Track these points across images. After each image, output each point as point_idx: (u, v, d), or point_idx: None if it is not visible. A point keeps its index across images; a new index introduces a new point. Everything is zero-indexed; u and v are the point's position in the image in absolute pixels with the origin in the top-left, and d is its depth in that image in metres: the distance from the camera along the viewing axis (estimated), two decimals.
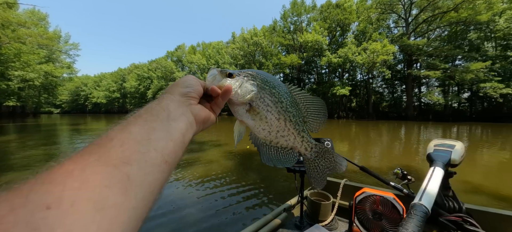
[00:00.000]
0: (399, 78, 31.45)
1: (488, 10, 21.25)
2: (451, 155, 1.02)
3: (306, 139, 0.51)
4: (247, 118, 0.49)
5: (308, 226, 1.23)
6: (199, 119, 0.41)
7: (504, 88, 20.94)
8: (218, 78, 0.47)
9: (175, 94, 0.39)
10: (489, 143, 9.59)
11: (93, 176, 0.22)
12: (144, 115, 0.32)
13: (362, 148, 8.32)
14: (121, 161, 0.25)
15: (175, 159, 0.33)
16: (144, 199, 0.26)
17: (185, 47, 53.07)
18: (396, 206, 0.99)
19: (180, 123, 0.35)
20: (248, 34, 35.68)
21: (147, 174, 0.27)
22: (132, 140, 0.28)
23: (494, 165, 5.90)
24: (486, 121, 24.11)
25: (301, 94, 0.53)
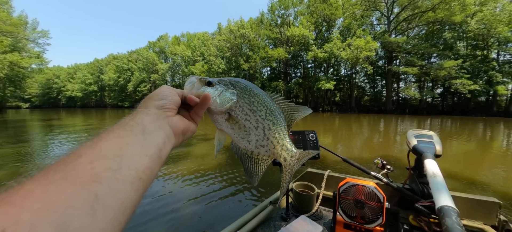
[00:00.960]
0: (379, 73, 32.87)
1: (462, 12, 22.79)
2: (435, 146, 1.09)
3: (286, 148, 0.49)
4: (227, 127, 0.48)
5: (294, 217, 1.25)
6: (177, 131, 0.39)
7: (472, 85, 22.78)
8: (197, 86, 0.46)
9: (150, 108, 0.37)
10: (458, 134, 10.52)
11: (57, 196, 0.20)
12: (117, 130, 0.30)
13: (345, 140, 8.75)
14: (89, 179, 0.23)
15: (151, 175, 0.31)
16: (115, 220, 0.24)
17: (168, 38, 50.68)
18: (377, 194, 1.03)
19: (157, 137, 0.34)
20: (235, 26, 34.91)
21: (119, 193, 0.25)
22: (102, 156, 0.26)
23: (461, 154, 6.60)
24: (455, 115, 26.27)
25: (285, 102, 0.52)
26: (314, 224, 1.13)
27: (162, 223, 2.68)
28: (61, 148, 7.40)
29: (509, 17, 21.91)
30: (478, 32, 23.24)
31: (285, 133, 0.50)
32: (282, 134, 0.49)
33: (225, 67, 36.44)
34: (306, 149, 1.18)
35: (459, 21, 23.14)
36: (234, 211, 2.98)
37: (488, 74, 23.80)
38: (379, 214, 1.03)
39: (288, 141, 0.50)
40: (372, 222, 1.05)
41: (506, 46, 23.67)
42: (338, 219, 1.13)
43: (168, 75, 48.14)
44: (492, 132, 11.85)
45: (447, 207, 0.70)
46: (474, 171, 4.78)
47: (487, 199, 1.16)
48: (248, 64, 33.85)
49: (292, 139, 1.18)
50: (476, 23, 22.99)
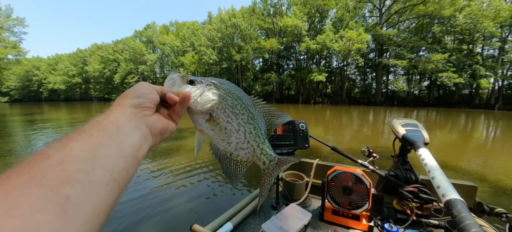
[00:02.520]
0: (370, 66, 33.32)
1: (451, 6, 23.26)
2: (423, 134, 1.12)
3: (265, 152, 0.50)
4: (207, 128, 0.47)
5: (284, 205, 1.29)
6: (155, 131, 0.37)
7: (457, 78, 23.68)
8: (178, 83, 0.44)
9: (125, 106, 0.34)
10: (442, 125, 11.08)
11: (22, 200, 0.19)
12: (89, 130, 0.28)
13: (335, 131, 9.04)
14: (59, 182, 0.21)
15: (127, 176, 0.30)
16: (88, 223, 0.23)
17: (156, 27, 48.52)
18: (364, 181, 1.08)
19: (133, 137, 0.32)
20: (226, 15, 33.86)
21: (92, 195, 0.24)
22: (73, 157, 0.24)
23: (445, 143, 7.02)
24: (440, 107, 27.46)
25: (266, 107, 0.53)
26: (303, 211, 1.15)
27: (153, 216, 2.67)
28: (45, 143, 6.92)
29: (495, 13, 22.65)
30: (465, 26, 23.89)
31: (265, 137, 0.51)
32: (262, 138, 0.50)
33: (217, 58, 35.61)
34: (296, 139, 1.20)
35: (448, 15, 23.64)
36: (225, 201, 3.01)
37: (472, 68, 24.73)
38: (366, 200, 1.09)
39: (267, 145, 0.51)
40: (359, 208, 1.10)
41: (491, 41, 24.59)
42: (327, 206, 1.18)
43: (157, 66, 46.43)
44: (473, 123, 12.43)
45: (455, 199, 0.72)
46: (455, 158, 5.16)
47: (465, 183, 1.24)
48: (240, 55, 33.20)
49: (282, 129, 1.20)
50: (463, 17, 23.59)
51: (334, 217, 1.17)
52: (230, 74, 36.64)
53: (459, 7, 23.63)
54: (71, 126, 10.57)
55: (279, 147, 1.19)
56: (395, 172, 1.28)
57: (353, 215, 1.13)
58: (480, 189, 3.35)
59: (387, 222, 1.12)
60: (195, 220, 2.55)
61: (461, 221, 0.65)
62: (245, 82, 38.93)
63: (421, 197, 1.10)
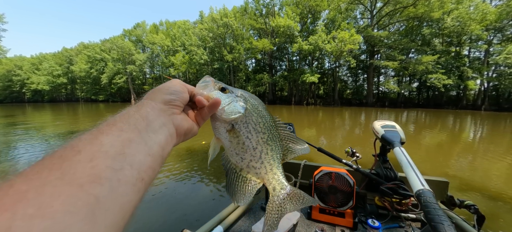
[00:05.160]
0: (362, 67, 33.60)
1: (440, 8, 23.71)
2: (400, 134, 1.19)
3: (277, 178, 0.48)
4: (225, 138, 0.47)
5: None
6: (180, 131, 0.37)
7: (446, 79, 24.10)
8: (210, 88, 0.45)
9: (157, 101, 0.34)
10: (431, 126, 11.39)
11: (53, 199, 0.18)
12: (119, 123, 0.28)
13: (328, 132, 9.21)
14: (89, 180, 0.21)
15: (152, 175, 0.29)
16: (115, 225, 0.22)
17: (146, 26, 47.10)
18: (348, 179, 1.14)
19: (160, 135, 0.32)
20: (218, 15, 33.26)
21: (120, 196, 0.23)
22: (103, 153, 0.24)
23: (433, 143, 7.25)
24: (429, 108, 28.08)
25: (287, 132, 0.52)
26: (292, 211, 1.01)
27: (142, 221, 2.60)
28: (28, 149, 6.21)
29: (482, 16, 23.27)
30: (453, 29, 24.40)
31: (279, 162, 0.50)
32: (277, 161, 0.49)
33: (208, 58, 34.94)
34: None
35: (437, 18, 24.09)
36: (216, 205, 2.97)
37: (460, 69, 25.27)
38: (350, 198, 1.14)
39: (281, 171, 0.49)
40: (344, 205, 1.15)
41: (477, 44, 25.21)
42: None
43: (146, 66, 45.11)
44: (460, 124, 12.68)
45: (423, 189, 0.78)
46: (438, 157, 5.49)
47: (438, 179, 1.34)
48: (231, 55, 32.68)
49: None
50: (452, 20, 24.08)
51: (321, 215, 1.21)
52: (222, 75, 36.01)
53: (447, 10, 24.15)
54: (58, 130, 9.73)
55: None
56: (377, 170, 1.36)
57: (339, 213, 1.18)
58: (457, 185, 3.66)
59: (370, 217, 1.14)
60: (185, 224, 2.51)
61: (428, 207, 0.71)
62: (237, 83, 38.37)
63: (400, 193, 1.18)
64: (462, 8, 23.87)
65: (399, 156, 1.02)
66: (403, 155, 1.00)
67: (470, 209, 1.15)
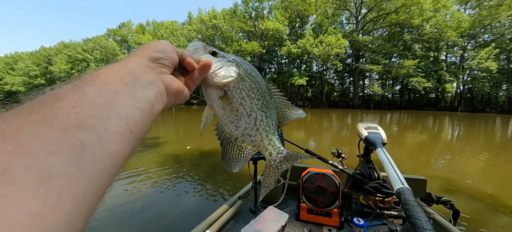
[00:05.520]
0: (348, 71, 34.69)
1: (420, 16, 25.18)
2: (382, 135, 1.24)
3: (274, 144, 0.47)
4: (218, 105, 0.45)
5: (262, 209, 1.30)
6: (171, 90, 0.35)
7: (426, 83, 25.54)
8: (200, 52, 0.42)
9: (143, 58, 0.32)
10: (413, 126, 12.00)
11: (34, 139, 0.17)
12: (104, 75, 0.26)
13: (316, 133, 9.34)
14: (74, 125, 0.20)
15: (142, 130, 0.28)
16: (104, 172, 0.21)
17: (131, 26, 45.72)
18: (334, 180, 1.17)
19: (149, 91, 0.30)
20: (207, 16, 33.01)
21: (108, 143, 0.22)
22: (88, 102, 0.22)
23: (415, 143, 7.61)
24: (411, 109, 29.57)
25: (282, 98, 0.51)
26: (281, 213, 1.19)
27: (129, 228, 2.55)
28: None
29: (457, 24, 24.98)
30: (431, 35, 25.97)
31: (275, 128, 0.49)
32: (272, 128, 0.48)
33: None
34: None
35: (417, 24, 25.57)
36: (204, 209, 2.93)
37: (438, 73, 26.84)
38: (336, 198, 1.17)
39: (276, 137, 0.48)
40: (330, 205, 1.18)
41: (453, 49, 26.99)
42: (302, 206, 1.23)
43: None
44: (439, 125, 13.43)
45: (402, 188, 0.82)
46: (422, 156, 5.75)
47: (417, 177, 1.41)
48: None
49: None
50: (430, 27, 25.65)
51: (309, 216, 1.22)
52: None
53: (426, 18, 25.67)
54: None
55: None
56: (361, 170, 1.39)
57: (326, 213, 1.19)
58: (437, 182, 3.86)
59: (355, 216, 1.18)
60: (173, 229, 2.49)
61: (407, 204, 0.75)
62: None
63: (383, 191, 1.21)
64: (439, 16, 25.53)
65: (381, 157, 1.07)
66: (385, 155, 1.05)
67: (447, 205, 1.22)
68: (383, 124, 12.96)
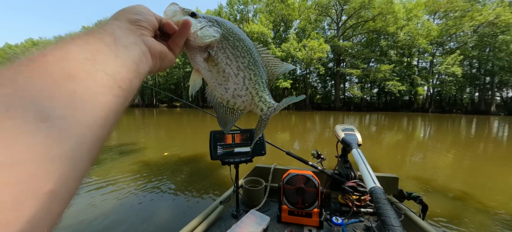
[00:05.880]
0: (329, 74, 36.00)
1: (394, 24, 27.10)
2: (357, 137, 1.29)
3: (264, 100, 0.46)
4: (204, 68, 0.44)
5: (244, 213, 1.28)
6: (154, 52, 0.34)
7: (401, 86, 27.42)
8: (179, 15, 0.41)
9: (121, 21, 0.32)
10: (390, 127, 12.70)
11: (29, 85, 0.17)
12: (84, 37, 0.25)
13: (300, 135, 9.50)
14: (63, 77, 0.20)
15: (130, 87, 0.28)
16: (99, 120, 0.22)
17: None
18: (313, 181, 1.19)
19: (131, 51, 0.29)
20: None
21: (98, 94, 0.22)
22: (73, 58, 0.22)
23: (392, 143, 8.03)
24: (387, 111, 31.43)
25: (269, 56, 0.50)
26: (262, 216, 1.20)
27: None
28: None
29: (427, 32, 27.23)
30: (405, 42, 28.02)
31: (265, 85, 0.48)
32: (262, 86, 0.47)
33: (179, 60, 33.62)
34: (254, 146, 1.23)
35: (392, 32, 27.47)
36: (185, 216, 2.83)
37: (411, 77, 28.91)
38: (316, 198, 1.18)
39: (267, 93, 0.48)
40: (310, 206, 1.19)
41: (424, 55, 29.31)
42: (283, 208, 1.24)
43: None
44: (413, 125, 14.46)
45: (374, 187, 0.87)
46: (398, 155, 6.06)
47: (390, 176, 1.47)
48: None
49: (240, 138, 1.22)
50: (404, 34, 27.71)
51: (290, 217, 1.23)
52: None
53: (400, 26, 27.73)
54: None
55: (238, 155, 1.20)
56: (339, 170, 1.45)
57: (306, 213, 1.21)
58: (411, 179, 4.08)
59: (334, 215, 1.23)
60: None
61: (379, 202, 0.80)
62: None
63: (359, 190, 1.28)
64: (411, 25, 27.66)
65: (356, 157, 1.11)
66: (359, 156, 1.10)
67: (416, 200, 1.29)
68: (363, 125, 13.58)
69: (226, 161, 1.20)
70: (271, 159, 4.31)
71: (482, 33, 25.98)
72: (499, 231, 2.52)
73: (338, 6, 30.33)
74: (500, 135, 10.71)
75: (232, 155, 1.20)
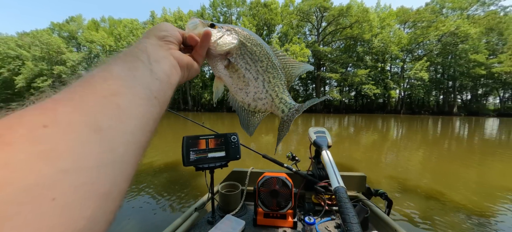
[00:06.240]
0: (311, 78, 37.23)
1: (369, 32, 29.18)
2: (328, 139, 1.35)
3: (284, 101, 0.49)
4: (225, 75, 0.47)
5: (220, 218, 1.28)
6: (182, 63, 0.38)
7: (376, 89, 29.37)
8: (199, 27, 0.44)
9: (151, 38, 0.36)
10: (366, 128, 13.41)
11: (84, 104, 0.21)
12: (123, 57, 0.30)
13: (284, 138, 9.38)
14: (109, 93, 0.24)
15: (164, 98, 0.32)
16: (141, 129, 0.25)
17: (82, 21, 40.62)
18: (287, 183, 1.21)
19: (163, 64, 0.33)
20: (172, 17, 31.59)
21: (139, 106, 0.26)
22: (115, 76, 0.26)
23: (368, 143, 8.40)
24: (364, 113, 33.29)
25: (286, 58, 0.51)
26: (237, 221, 1.21)
27: None
28: None
29: (398, 40, 29.59)
30: (379, 49, 30.10)
31: (284, 87, 0.50)
32: (281, 88, 0.49)
33: None
34: (228, 151, 1.22)
35: (367, 39, 29.44)
36: (159, 226, 2.72)
37: (385, 81, 31.02)
38: (290, 199, 1.21)
39: (287, 95, 0.49)
40: (285, 207, 1.21)
41: (396, 61, 31.66)
42: (259, 211, 1.25)
43: (82, 67, 38.55)
44: (387, 126, 15.45)
45: (338, 186, 0.92)
46: (374, 155, 6.30)
47: (358, 174, 1.54)
48: None
49: (214, 143, 1.20)
50: (378, 41, 29.77)
51: (266, 220, 1.24)
52: None
53: (375, 33, 29.91)
54: None
55: (213, 160, 1.18)
56: (313, 171, 1.50)
57: (281, 215, 1.22)
58: (384, 176, 4.26)
59: (308, 215, 1.22)
60: None
61: (341, 201, 0.85)
62: (193, 89, 36.80)
63: (330, 189, 1.30)
64: (385, 33, 29.90)
65: (324, 158, 1.15)
66: (328, 157, 1.14)
67: (382, 196, 1.35)
68: (342, 127, 14.19)
69: (200, 167, 1.18)
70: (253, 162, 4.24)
71: (445, 42, 28.87)
72: (462, 223, 2.74)
73: (318, 12, 31.61)
74: (461, 133, 11.86)
75: (206, 161, 1.18)
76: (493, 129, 14.59)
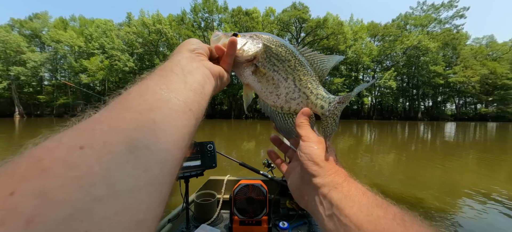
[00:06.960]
0: None
1: (344, 43, 31.65)
2: None
3: (321, 96, 0.45)
4: (254, 81, 0.47)
5: (195, 229, 1.26)
6: (214, 73, 0.39)
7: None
8: (223, 38, 0.45)
9: (183, 52, 0.38)
10: (343, 133, 14.11)
11: (120, 121, 0.22)
12: (158, 72, 0.32)
13: (264, 144, 9.59)
14: (144, 108, 0.24)
15: (199, 109, 0.32)
16: (176, 143, 0.25)
17: (48, 18, 37.14)
18: (262, 189, 1.23)
19: (196, 75, 0.34)
20: (151, 20, 30.39)
21: (173, 119, 0.26)
22: (151, 91, 0.27)
23: (345, 147, 8.87)
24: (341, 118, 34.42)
25: (313, 54, 0.48)
26: (213, 230, 1.20)
27: None
28: None
29: (369, 51, 32.43)
30: (352, 59, 32.50)
31: (318, 83, 0.46)
32: (314, 84, 0.46)
33: (135, 65, 30.86)
34: (204, 160, 1.20)
35: (342, 49, 31.71)
36: None
37: None
38: (264, 206, 1.22)
39: (322, 89, 0.46)
40: (260, 214, 1.22)
41: (368, 71, 34.35)
42: (235, 219, 1.24)
43: (45, 69, 34.93)
44: (361, 130, 16.54)
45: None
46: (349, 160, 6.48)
47: None
48: None
49: (189, 151, 1.17)
50: (352, 52, 32.17)
51: (242, 227, 1.23)
52: None
53: (349, 45, 32.41)
54: None
55: (188, 169, 1.17)
56: None
57: (256, 221, 1.22)
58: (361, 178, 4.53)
59: (282, 220, 1.25)
60: None
61: None
62: None
63: None
64: (357, 44, 32.59)
65: None
66: None
67: None
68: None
69: None
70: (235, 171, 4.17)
71: (409, 54, 32.39)
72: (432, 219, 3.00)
73: (298, 23, 33.12)
74: (425, 137, 13.09)
75: (180, 169, 1.17)
76: (451, 132, 16.40)
